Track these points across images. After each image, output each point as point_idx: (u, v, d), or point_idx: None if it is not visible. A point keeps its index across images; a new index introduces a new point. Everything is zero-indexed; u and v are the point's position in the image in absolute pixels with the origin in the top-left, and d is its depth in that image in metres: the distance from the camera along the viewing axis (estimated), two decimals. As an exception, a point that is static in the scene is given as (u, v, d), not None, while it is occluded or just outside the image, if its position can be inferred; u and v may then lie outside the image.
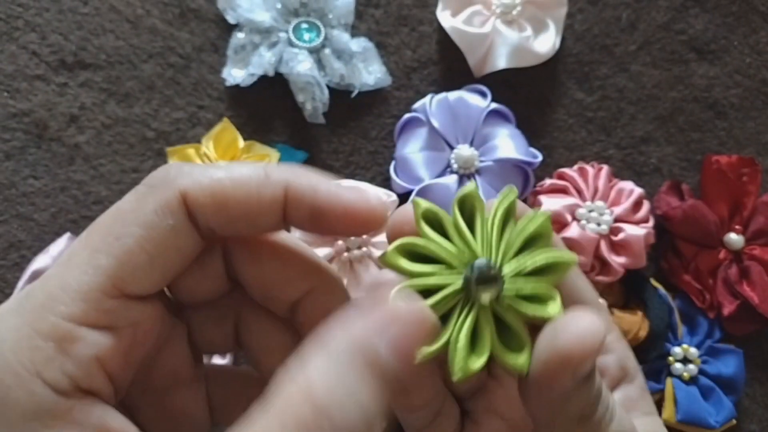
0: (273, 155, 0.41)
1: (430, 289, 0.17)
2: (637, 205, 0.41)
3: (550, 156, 0.44)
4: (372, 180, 0.42)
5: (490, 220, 0.18)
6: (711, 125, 0.46)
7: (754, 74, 0.46)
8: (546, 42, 0.42)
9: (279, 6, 0.41)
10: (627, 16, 0.46)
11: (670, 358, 0.41)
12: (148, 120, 0.41)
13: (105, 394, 0.15)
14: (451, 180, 0.40)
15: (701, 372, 0.41)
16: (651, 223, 0.41)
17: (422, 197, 0.39)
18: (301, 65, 0.39)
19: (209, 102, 0.42)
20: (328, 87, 0.41)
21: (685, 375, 0.41)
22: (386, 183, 0.42)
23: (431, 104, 0.41)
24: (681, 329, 0.42)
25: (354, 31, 0.43)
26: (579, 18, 0.45)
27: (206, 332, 0.19)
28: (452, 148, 0.41)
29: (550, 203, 0.40)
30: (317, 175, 0.17)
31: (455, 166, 0.40)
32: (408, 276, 0.16)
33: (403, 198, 0.40)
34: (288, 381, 0.13)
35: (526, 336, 0.17)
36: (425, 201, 0.17)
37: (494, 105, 0.41)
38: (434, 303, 0.16)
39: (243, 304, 0.19)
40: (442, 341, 0.16)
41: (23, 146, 0.40)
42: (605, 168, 0.42)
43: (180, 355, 0.19)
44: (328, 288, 0.18)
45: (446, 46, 0.43)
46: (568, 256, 0.17)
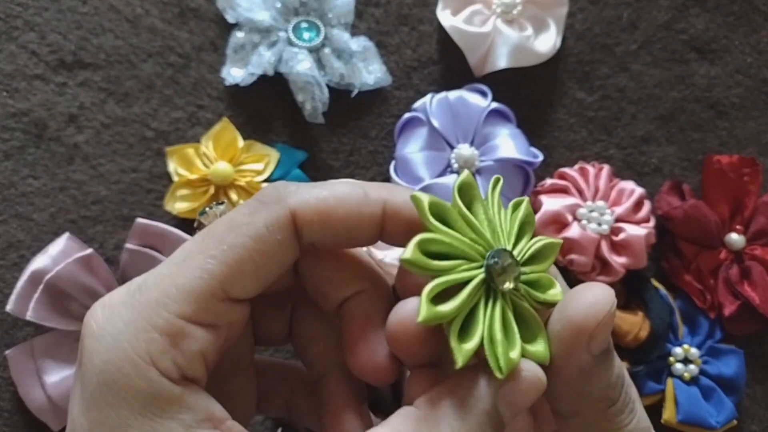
0: (273, 155, 0.41)
1: (454, 285, 0.16)
2: (638, 205, 0.41)
3: (551, 156, 0.44)
4: (372, 180, 0.42)
5: (490, 208, 0.18)
6: (712, 125, 0.46)
7: (755, 74, 0.46)
8: (547, 41, 0.42)
9: (278, 5, 0.41)
10: (628, 16, 0.45)
11: (671, 359, 0.41)
12: (148, 120, 0.41)
13: (202, 383, 0.17)
14: (452, 180, 0.40)
15: (702, 372, 0.41)
16: (652, 223, 0.41)
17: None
18: (301, 65, 0.39)
19: (209, 101, 0.42)
20: (328, 86, 0.41)
21: (686, 375, 0.41)
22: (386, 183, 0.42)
23: (431, 104, 0.40)
24: (682, 329, 0.42)
25: (354, 31, 0.43)
26: (580, 17, 0.45)
27: (266, 323, 0.21)
28: (452, 148, 0.41)
29: (551, 203, 0.40)
30: (407, 190, 0.18)
31: (455, 166, 0.40)
32: (432, 274, 0.16)
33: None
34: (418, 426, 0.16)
35: (541, 322, 0.17)
36: (425, 194, 0.17)
37: (495, 104, 0.41)
38: (466, 298, 0.16)
39: (299, 298, 0.21)
40: (477, 338, 0.16)
41: (22, 146, 0.40)
42: (606, 168, 0.42)
43: (246, 345, 0.20)
44: (376, 292, 0.19)
45: (446, 46, 0.43)
46: (557, 240, 0.18)
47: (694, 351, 0.41)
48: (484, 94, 0.41)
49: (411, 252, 0.16)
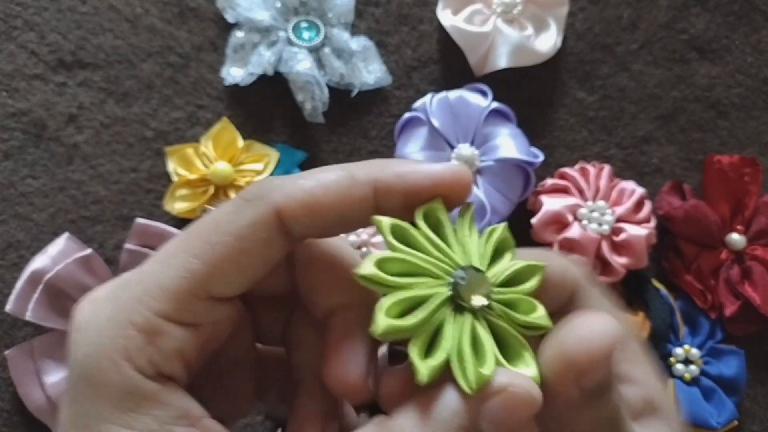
0: (272, 155, 0.41)
1: (416, 303, 0.16)
2: (639, 205, 0.41)
3: (551, 156, 0.44)
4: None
5: (460, 231, 0.17)
6: (712, 125, 0.46)
7: (756, 73, 0.46)
8: (547, 41, 0.42)
9: (278, 5, 0.41)
10: (628, 15, 0.45)
11: (672, 359, 0.41)
12: (147, 119, 0.41)
13: (181, 381, 0.17)
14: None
15: (703, 373, 0.41)
16: (653, 224, 0.41)
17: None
18: (301, 64, 0.39)
19: (208, 101, 0.42)
20: (328, 86, 0.41)
21: (687, 376, 0.41)
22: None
23: (432, 103, 0.40)
24: (682, 330, 0.42)
25: (354, 30, 0.43)
26: (580, 17, 0.45)
27: (267, 323, 0.21)
28: (453, 148, 0.41)
29: (552, 203, 0.40)
30: (396, 162, 0.18)
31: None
32: (390, 290, 0.16)
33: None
34: None
35: (526, 343, 0.16)
36: (387, 218, 0.17)
37: (495, 104, 0.41)
38: (429, 313, 0.16)
39: (297, 301, 0.20)
40: (444, 354, 0.15)
41: (22, 146, 0.40)
42: (607, 168, 0.42)
43: (246, 342, 0.20)
44: (363, 307, 0.18)
45: (447, 45, 0.43)
46: (539, 263, 0.17)
47: (695, 351, 0.41)
48: (485, 94, 0.41)
49: (369, 268, 0.16)
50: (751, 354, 0.43)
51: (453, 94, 0.41)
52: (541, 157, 0.41)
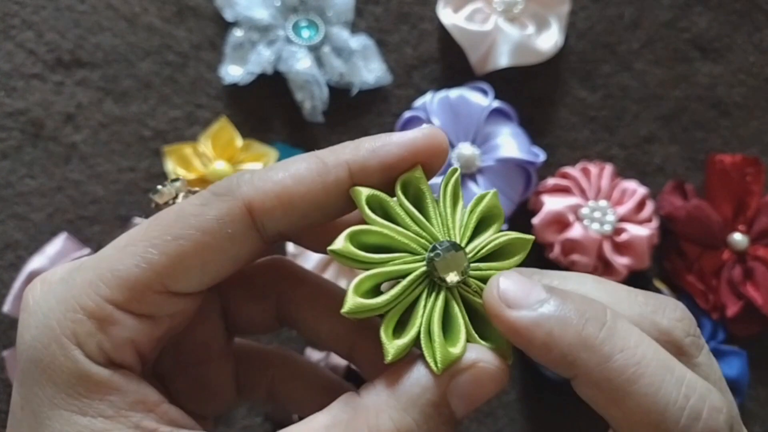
0: (271, 154, 0.41)
1: (393, 278, 0.16)
2: (641, 205, 0.41)
3: (553, 155, 0.43)
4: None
5: (441, 203, 0.17)
6: (715, 124, 0.45)
7: (758, 73, 0.46)
8: (548, 40, 0.42)
9: (278, 3, 0.41)
10: (630, 14, 0.45)
11: (674, 360, 0.41)
12: (145, 119, 0.41)
13: (135, 369, 0.16)
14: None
15: (705, 374, 0.41)
16: (655, 224, 0.40)
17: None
18: (300, 63, 0.39)
19: (207, 100, 0.41)
20: (328, 85, 0.40)
21: (689, 377, 0.41)
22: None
23: (432, 102, 0.40)
24: (684, 330, 0.42)
25: (354, 29, 0.43)
26: (582, 16, 0.45)
27: (246, 311, 0.20)
28: (453, 147, 0.40)
29: (553, 203, 0.40)
30: (367, 139, 0.17)
31: (456, 165, 0.40)
32: (364, 267, 0.16)
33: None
34: (357, 417, 0.15)
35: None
36: (366, 188, 0.16)
37: (496, 103, 0.41)
38: (400, 291, 0.16)
39: (283, 281, 0.20)
40: (413, 333, 0.15)
41: (19, 145, 0.40)
42: (608, 167, 0.42)
43: (212, 331, 0.20)
44: None
45: (447, 44, 0.43)
46: (527, 236, 0.17)
47: (697, 352, 0.41)
48: (486, 93, 0.41)
49: (340, 243, 0.15)
50: (753, 354, 0.42)
51: (454, 93, 0.41)
52: (543, 157, 0.41)
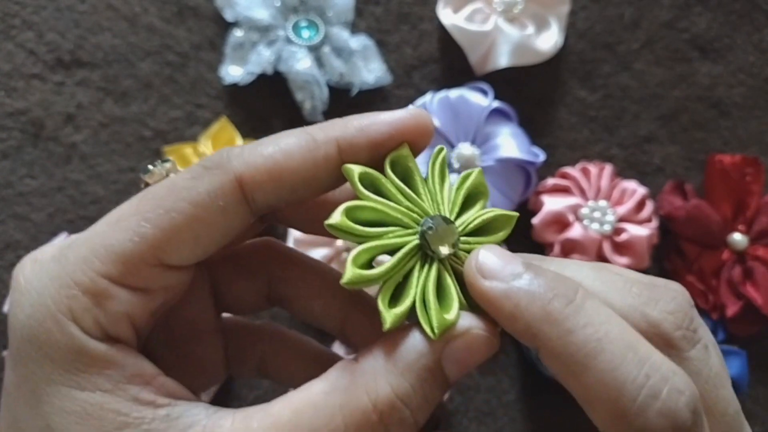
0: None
1: (387, 251, 0.17)
2: (640, 205, 0.41)
3: (553, 155, 0.43)
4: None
5: (430, 180, 0.18)
6: (714, 124, 0.45)
7: (758, 73, 0.46)
8: (548, 40, 0.42)
9: (278, 3, 0.41)
10: (630, 14, 0.45)
11: (674, 360, 0.41)
12: (146, 119, 0.41)
13: (131, 343, 0.16)
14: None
15: (705, 374, 0.41)
16: (654, 223, 0.40)
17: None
18: (300, 63, 0.39)
19: (207, 100, 0.41)
20: (328, 85, 0.40)
21: (689, 377, 0.41)
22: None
23: (432, 102, 0.40)
24: (684, 330, 0.42)
25: (354, 29, 0.43)
26: (582, 16, 0.45)
27: (236, 289, 0.21)
28: (453, 147, 0.40)
29: (553, 203, 0.40)
30: (356, 117, 0.18)
31: (456, 165, 0.40)
32: (360, 240, 0.16)
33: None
34: (355, 382, 0.15)
35: None
36: (358, 166, 0.17)
37: (496, 103, 0.41)
38: (396, 262, 0.16)
39: (274, 260, 0.20)
40: (409, 301, 0.16)
41: (20, 145, 0.40)
42: (608, 167, 0.42)
43: (202, 308, 0.20)
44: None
45: (447, 44, 0.43)
46: (512, 213, 0.18)
47: (697, 352, 0.41)
48: (485, 93, 0.41)
49: (337, 217, 0.16)
50: (753, 355, 0.42)
51: (454, 93, 0.41)
52: (542, 157, 0.41)
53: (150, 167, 0.19)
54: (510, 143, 0.40)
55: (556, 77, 0.44)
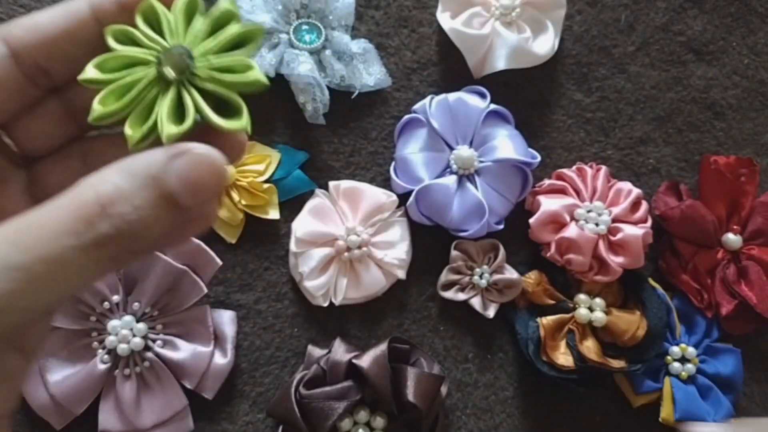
0: (274, 156, 0.41)
1: (132, 87, 0.18)
2: (636, 206, 0.41)
3: (549, 156, 0.44)
4: (372, 180, 0.42)
5: (177, 19, 0.19)
6: (709, 126, 0.46)
7: (753, 75, 0.46)
8: (545, 43, 0.42)
9: (280, 7, 0.41)
10: (625, 18, 0.46)
11: (668, 358, 0.41)
12: (150, 121, 0.41)
13: None
14: (451, 180, 0.40)
15: (699, 371, 0.41)
16: (649, 223, 0.41)
17: (422, 197, 0.40)
18: (302, 66, 0.40)
19: (210, 103, 0.42)
20: (329, 88, 0.41)
21: (683, 374, 0.41)
22: (386, 183, 0.42)
23: (431, 105, 0.41)
24: (679, 329, 0.42)
25: (354, 33, 0.43)
26: (578, 19, 0.45)
27: (53, 176, 0.21)
28: (452, 149, 0.41)
29: (549, 203, 0.40)
30: None
31: (455, 167, 0.40)
32: (105, 85, 0.18)
33: (403, 198, 0.41)
34: (83, 183, 0.16)
35: (240, 101, 0.19)
36: (113, 25, 0.19)
37: (493, 106, 0.41)
38: (136, 93, 0.18)
39: (90, 143, 0.21)
40: (150, 122, 0.18)
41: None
42: (604, 168, 0.42)
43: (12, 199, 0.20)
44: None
45: (446, 48, 0.43)
46: (257, 27, 0.19)
47: (692, 350, 0.41)
48: (483, 96, 0.41)
49: (87, 72, 0.18)
50: (748, 352, 0.43)
51: (452, 96, 0.41)
52: (539, 158, 0.42)
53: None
54: (507, 145, 0.40)
55: (553, 80, 0.45)
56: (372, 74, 0.42)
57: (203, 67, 0.19)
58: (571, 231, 0.40)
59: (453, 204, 0.40)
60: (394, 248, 0.40)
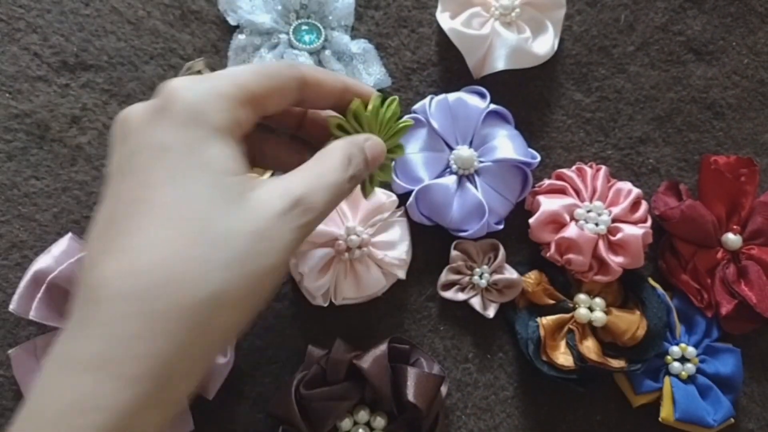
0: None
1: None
2: (635, 205, 0.41)
3: (549, 156, 0.44)
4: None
5: (370, 116, 0.30)
6: (709, 125, 0.46)
7: (752, 75, 0.47)
8: (544, 43, 0.42)
9: (279, 8, 0.41)
10: (625, 18, 0.46)
11: (668, 357, 0.41)
12: (150, 121, 0.41)
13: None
14: (451, 180, 0.40)
15: (699, 371, 0.41)
16: (649, 223, 0.41)
17: (422, 197, 0.40)
18: (302, 66, 0.40)
19: (210, 103, 0.42)
20: (329, 88, 0.41)
21: (683, 374, 0.41)
22: (386, 183, 0.42)
23: (431, 105, 0.41)
24: (679, 328, 0.42)
25: (354, 33, 0.43)
26: (577, 19, 0.45)
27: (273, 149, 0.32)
28: (451, 149, 0.41)
29: (549, 203, 0.40)
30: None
31: (454, 167, 0.40)
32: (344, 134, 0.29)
33: (403, 198, 0.41)
34: (333, 146, 0.28)
35: (391, 165, 0.33)
36: (335, 116, 0.29)
37: (493, 106, 0.41)
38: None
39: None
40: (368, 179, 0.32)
41: (25, 147, 0.40)
42: (603, 168, 0.42)
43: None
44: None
45: (445, 48, 0.43)
46: (406, 121, 0.32)
47: (691, 350, 0.41)
48: (483, 96, 0.41)
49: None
50: (748, 352, 0.43)
51: (452, 96, 0.41)
52: (539, 158, 0.42)
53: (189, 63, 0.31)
54: (507, 145, 0.40)
55: (553, 80, 0.45)
56: (372, 74, 0.42)
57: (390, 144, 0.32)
58: (571, 231, 0.40)
59: (453, 204, 0.40)
60: (394, 248, 0.40)
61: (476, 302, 0.41)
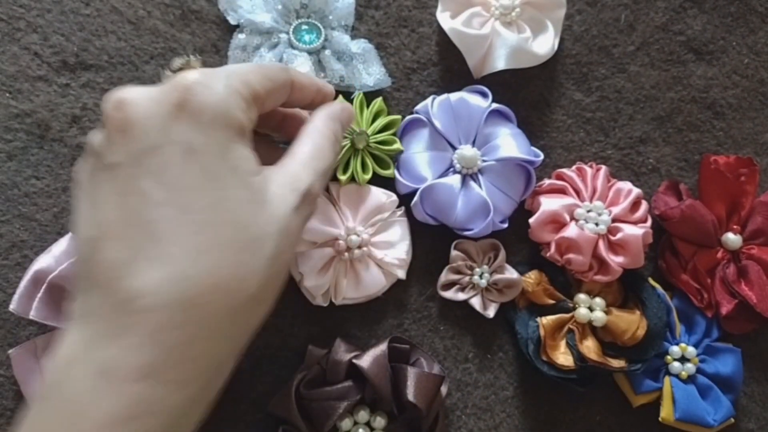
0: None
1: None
2: (635, 205, 0.41)
3: (549, 156, 0.44)
4: (371, 181, 0.42)
5: (357, 111, 0.37)
6: (709, 125, 0.46)
7: (752, 74, 0.47)
8: (545, 43, 0.42)
9: (279, 7, 0.41)
10: (625, 17, 0.46)
11: (668, 357, 0.41)
12: (150, 121, 0.41)
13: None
14: (455, 180, 0.40)
15: (699, 371, 0.41)
16: (649, 223, 0.41)
17: (426, 197, 0.40)
18: (302, 67, 0.40)
19: (210, 103, 0.42)
20: (329, 88, 0.41)
21: (683, 374, 0.41)
22: (389, 183, 0.42)
23: (433, 105, 0.41)
24: (679, 328, 0.42)
25: (354, 33, 0.43)
26: (577, 19, 0.45)
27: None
28: (455, 149, 0.41)
29: (549, 203, 0.40)
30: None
31: (458, 166, 0.40)
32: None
33: (406, 198, 0.41)
34: (318, 116, 0.31)
35: (389, 160, 0.40)
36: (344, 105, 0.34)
37: (495, 105, 0.41)
38: (342, 155, 0.38)
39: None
40: (350, 171, 0.39)
41: (25, 147, 0.40)
42: (603, 168, 0.42)
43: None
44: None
45: (446, 48, 0.43)
46: (396, 118, 0.38)
47: (691, 350, 0.41)
48: (485, 95, 0.41)
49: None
50: (748, 352, 0.43)
51: (454, 96, 0.41)
52: (542, 156, 0.42)
53: (179, 60, 0.31)
54: (510, 143, 0.40)
55: (553, 80, 0.45)
56: (372, 74, 0.42)
57: (372, 142, 0.39)
58: (571, 231, 0.40)
59: (457, 203, 0.40)
60: (394, 248, 0.40)
61: (476, 302, 0.41)
